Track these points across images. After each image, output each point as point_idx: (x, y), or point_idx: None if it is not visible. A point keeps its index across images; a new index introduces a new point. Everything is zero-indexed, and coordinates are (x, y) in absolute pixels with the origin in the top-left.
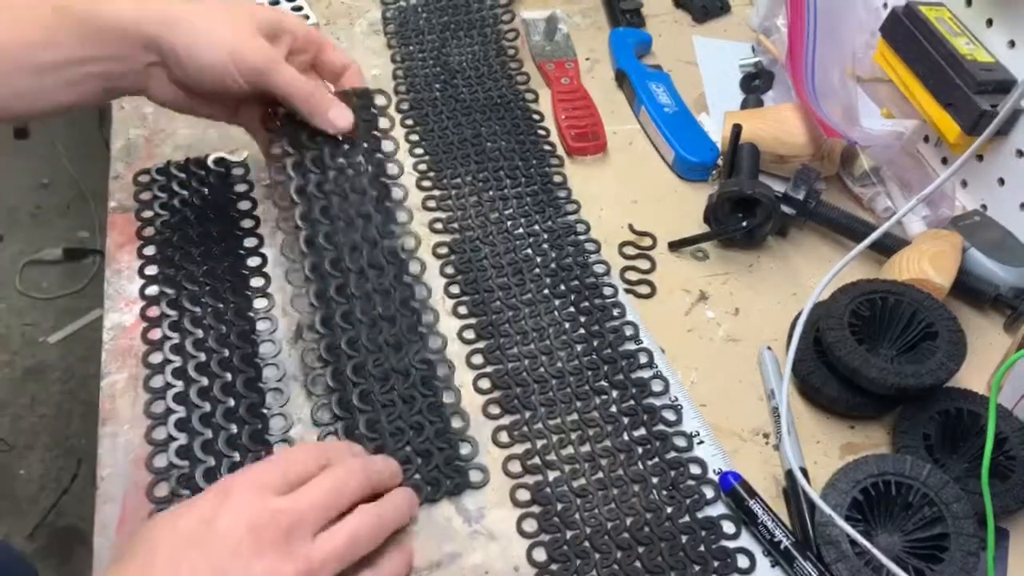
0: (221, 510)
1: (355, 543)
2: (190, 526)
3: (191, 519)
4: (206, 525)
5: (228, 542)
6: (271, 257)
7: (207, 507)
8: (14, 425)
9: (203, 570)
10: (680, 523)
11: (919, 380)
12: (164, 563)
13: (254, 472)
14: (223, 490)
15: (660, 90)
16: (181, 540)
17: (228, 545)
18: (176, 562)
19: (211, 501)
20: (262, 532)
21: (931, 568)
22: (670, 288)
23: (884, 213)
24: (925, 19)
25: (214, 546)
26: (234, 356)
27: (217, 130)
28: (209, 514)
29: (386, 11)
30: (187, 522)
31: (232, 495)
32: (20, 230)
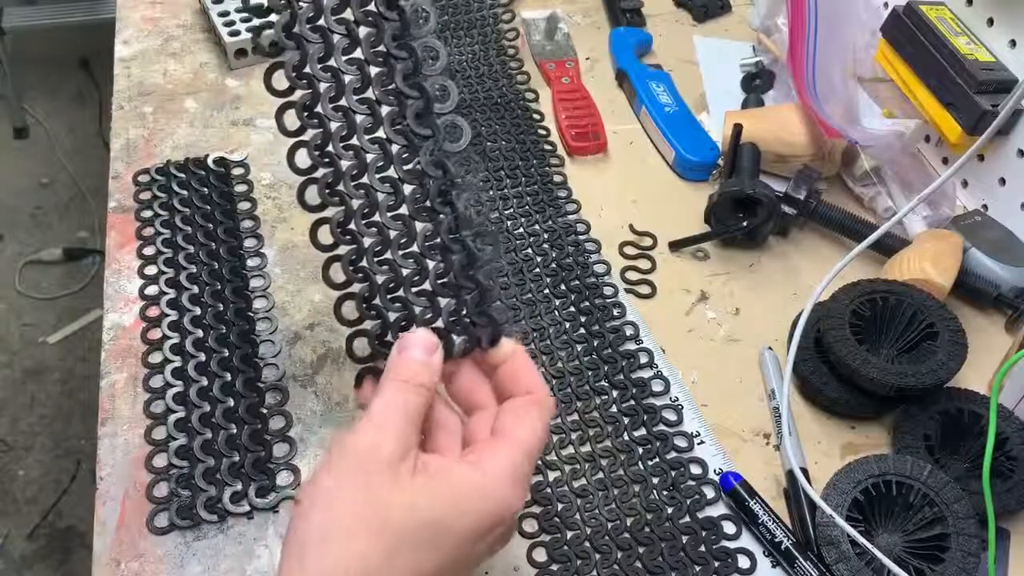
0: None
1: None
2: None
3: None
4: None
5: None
6: (271, 257)
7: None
8: (13, 425)
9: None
10: (681, 523)
11: (920, 380)
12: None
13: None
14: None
15: (661, 90)
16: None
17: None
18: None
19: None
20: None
21: (932, 568)
22: (671, 288)
23: (885, 213)
24: (926, 19)
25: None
26: (234, 356)
27: (216, 130)
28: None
29: None
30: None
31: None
32: (20, 230)
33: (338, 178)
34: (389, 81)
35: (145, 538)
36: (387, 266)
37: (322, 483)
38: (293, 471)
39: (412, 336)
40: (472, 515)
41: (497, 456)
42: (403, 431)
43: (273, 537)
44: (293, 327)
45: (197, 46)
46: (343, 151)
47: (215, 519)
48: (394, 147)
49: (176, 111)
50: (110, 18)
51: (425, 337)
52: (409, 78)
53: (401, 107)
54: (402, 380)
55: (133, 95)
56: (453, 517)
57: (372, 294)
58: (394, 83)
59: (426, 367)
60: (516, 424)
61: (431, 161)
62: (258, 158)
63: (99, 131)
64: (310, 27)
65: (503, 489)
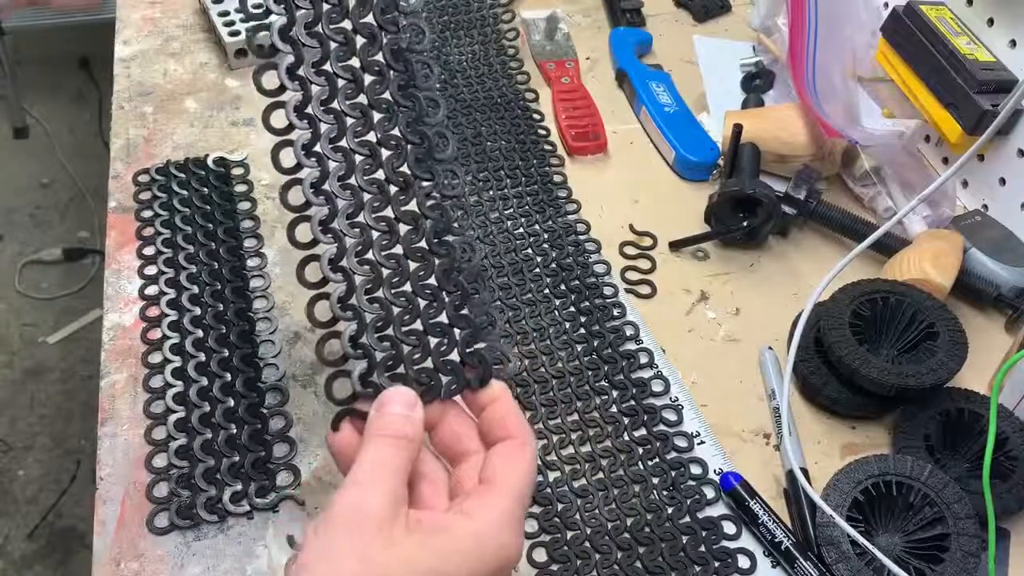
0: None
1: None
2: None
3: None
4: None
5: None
6: (271, 257)
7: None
8: (13, 426)
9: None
10: (681, 523)
11: (920, 380)
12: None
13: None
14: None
15: (661, 90)
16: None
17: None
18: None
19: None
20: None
21: (932, 568)
22: (671, 288)
23: (885, 213)
24: (926, 18)
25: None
26: (233, 356)
27: (216, 130)
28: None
29: None
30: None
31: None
32: (19, 230)
33: (332, 216)
34: (391, 127)
35: (145, 538)
36: (377, 303)
37: (316, 544)
38: (293, 471)
39: (390, 392)
40: (471, 565)
41: (490, 504)
42: (390, 487)
43: (273, 537)
44: (293, 327)
45: (197, 46)
46: (339, 190)
47: (215, 519)
48: (392, 188)
49: (176, 111)
50: (110, 18)
51: (403, 392)
52: (411, 124)
53: (400, 150)
54: (385, 435)
55: (133, 95)
56: (452, 570)
57: (360, 332)
58: (396, 128)
59: (408, 420)
60: (505, 470)
61: (428, 204)
62: (258, 158)
63: (99, 131)
64: (307, 32)
65: (500, 537)
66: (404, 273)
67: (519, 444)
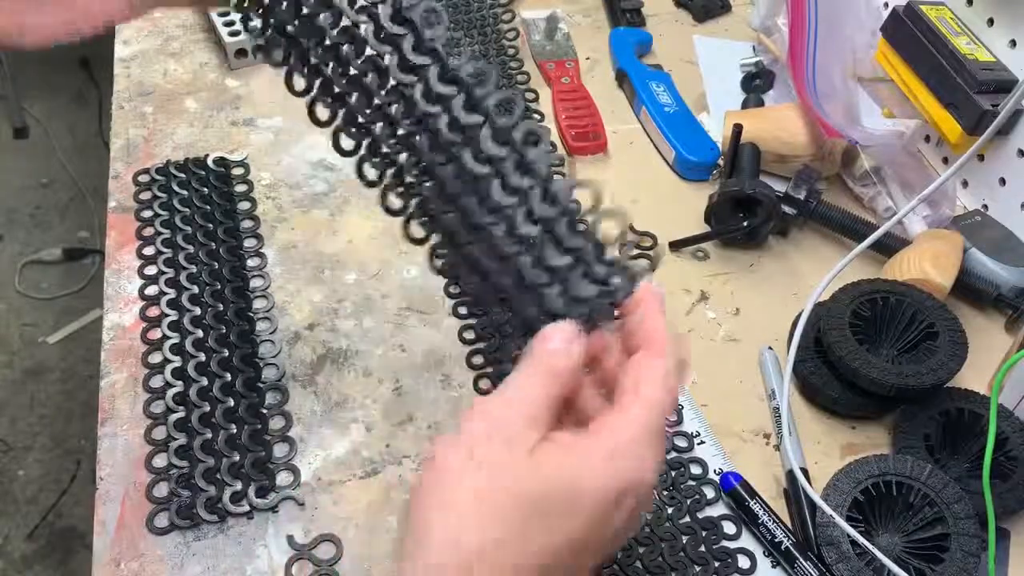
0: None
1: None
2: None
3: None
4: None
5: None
6: (271, 257)
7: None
8: (13, 426)
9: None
10: (681, 523)
11: (920, 380)
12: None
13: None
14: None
15: (660, 90)
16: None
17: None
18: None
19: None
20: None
21: (932, 568)
22: (671, 288)
23: (885, 213)
24: (926, 18)
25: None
26: (234, 356)
27: (216, 130)
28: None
29: None
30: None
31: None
32: (19, 230)
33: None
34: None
35: (145, 538)
36: (498, 262)
37: (450, 453)
38: (293, 471)
39: (552, 328)
40: (603, 479)
41: (623, 420)
42: (535, 411)
43: (273, 537)
44: (293, 327)
45: (197, 46)
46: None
47: (215, 519)
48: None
49: (176, 111)
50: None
51: (565, 328)
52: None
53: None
54: (538, 364)
55: (133, 95)
56: (585, 481)
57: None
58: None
59: (565, 355)
60: (638, 383)
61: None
62: (258, 158)
63: (99, 131)
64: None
65: (632, 451)
66: (511, 217)
67: (653, 354)
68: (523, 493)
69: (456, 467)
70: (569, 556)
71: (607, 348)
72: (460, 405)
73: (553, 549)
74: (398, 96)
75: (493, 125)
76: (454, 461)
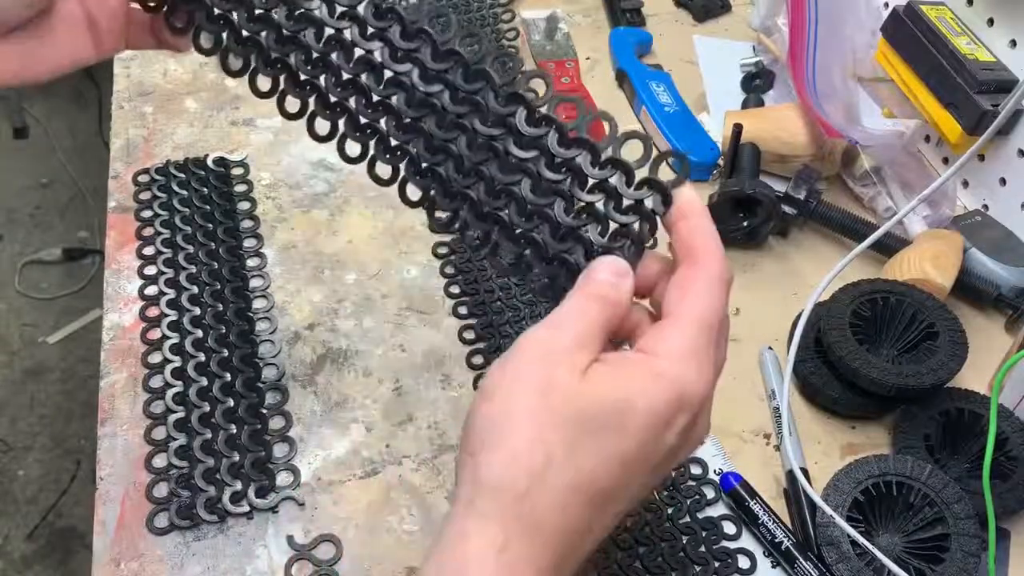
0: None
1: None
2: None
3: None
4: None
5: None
6: (271, 257)
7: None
8: (13, 426)
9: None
10: (681, 523)
11: (920, 380)
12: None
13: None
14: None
15: (660, 89)
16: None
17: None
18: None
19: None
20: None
21: (932, 569)
22: None
23: (885, 213)
24: (926, 18)
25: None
26: (233, 356)
27: (216, 130)
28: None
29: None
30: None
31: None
32: (19, 230)
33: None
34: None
35: (145, 538)
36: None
37: (497, 377)
38: (293, 471)
39: (601, 260)
40: (651, 396)
41: (668, 338)
42: (584, 334)
43: (272, 537)
44: (293, 327)
45: None
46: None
47: (215, 519)
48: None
49: (176, 111)
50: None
51: (614, 261)
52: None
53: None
54: (588, 293)
55: (133, 95)
56: (634, 399)
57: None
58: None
59: (615, 287)
60: (680, 299)
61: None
62: (258, 158)
63: (99, 131)
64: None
65: (678, 367)
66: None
67: (696, 268)
68: (573, 413)
69: (506, 390)
70: (622, 475)
71: (656, 276)
72: (460, 405)
73: (606, 469)
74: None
75: (495, 88)
76: (504, 385)
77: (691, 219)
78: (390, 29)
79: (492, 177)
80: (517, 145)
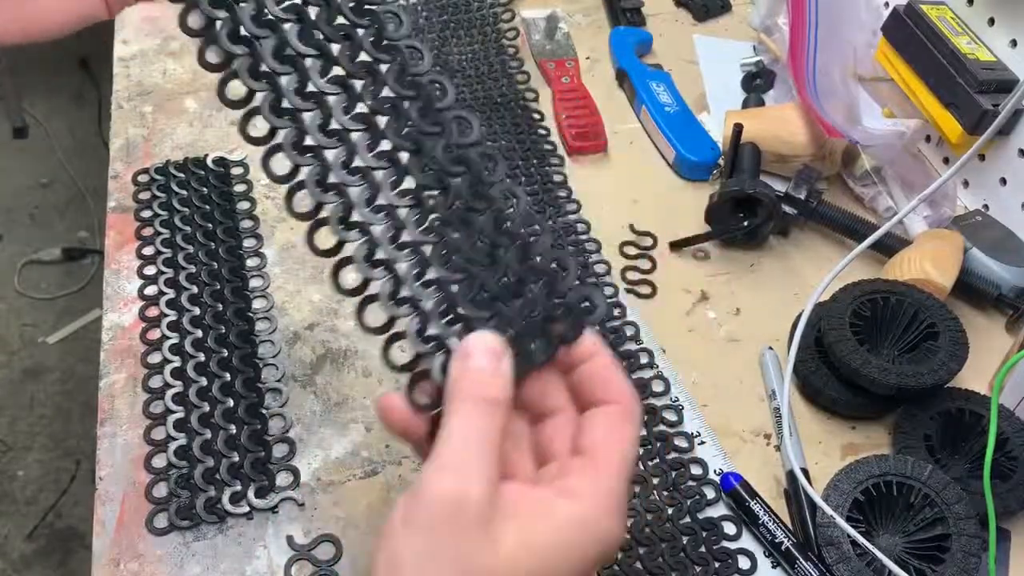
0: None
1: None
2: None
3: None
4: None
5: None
6: (270, 257)
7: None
8: (13, 426)
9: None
10: (681, 524)
11: (920, 380)
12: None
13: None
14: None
15: (661, 89)
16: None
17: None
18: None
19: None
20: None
21: (932, 569)
22: (671, 288)
23: (885, 213)
24: (927, 18)
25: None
26: (233, 356)
27: (216, 130)
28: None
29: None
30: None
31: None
32: (19, 230)
33: (349, 210)
34: (378, 89)
35: (144, 538)
36: (434, 286)
37: (410, 541)
38: (292, 472)
39: (473, 339)
40: (578, 552)
41: (595, 484)
42: (487, 468)
43: (272, 537)
44: (293, 327)
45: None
46: (348, 179)
47: (214, 520)
48: (403, 155)
49: (176, 111)
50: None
51: (486, 339)
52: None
53: (397, 111)
54: (473, 398)
55: (132, 95)
56: (560, 561)
57: (424, 322)
58: (385, 87)
59: (497, 375)
60: (609, 442)
61: (451, 158)
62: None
63: (99, 131)
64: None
65: (605, 521)
66: (451, 244)
67: (624, 412)
68: (478, 571)
69: (418, 561)
70: None
71: (548, 387)
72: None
73: None
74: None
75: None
76: (414, 553)
77: (604, 358)
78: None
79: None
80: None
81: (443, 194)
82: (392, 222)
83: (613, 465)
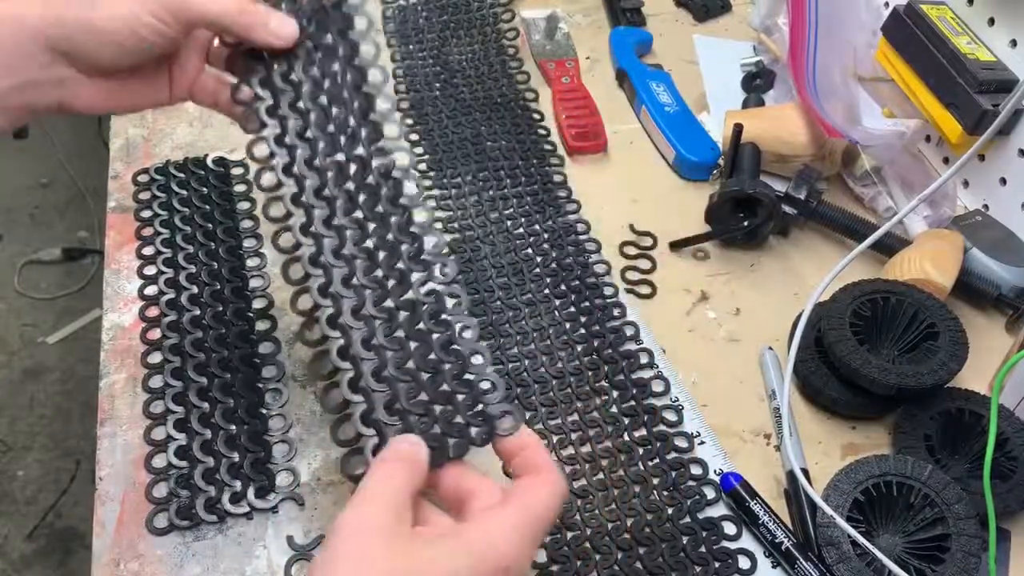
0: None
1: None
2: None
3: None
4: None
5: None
6: (270, 257)
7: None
8: (13, 426)
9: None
10: (681, 524)
11: (920, 380)
12: None
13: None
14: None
15: (661, 89)
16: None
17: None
18: None
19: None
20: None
21: (932, 569)
22: (671, 288)
23: (885, 213)
24: (927, 18)
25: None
26: (233, 356)
27: (216, 130)
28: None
29: (386, 10)
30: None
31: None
32: (19, 230)
33: (339, 313)
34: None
35: (144, 538)
36: (385, 383)
37: (318, 558)
38: (292, 472)
39: (399, 438)
40: (475, 564)
41: (503, 514)
42: (393, 504)
43: (272, 538)
44: (293, 327)
45: None
46: (336, 293)
47: (214, 520)
48: (390, 282)
49: (176, 111)
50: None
51: (409, 439)
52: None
53: (395, 251)
54: (392, 458)
55: None
56: (457, 567)
57: (369, 410)
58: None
59: (415, 447)
60: (526, 492)
61: (424, 292)
62: None
63: (99, 131)
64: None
65: (507, 543)
66: (407, 353)
67: (545, 476)
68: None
69: (324, 567)
70: None
71: (445, 471)
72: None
73: None
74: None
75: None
76: (323, 564)
77: (539, 449)
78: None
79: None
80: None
81: (412, 316)
82: (368, 329)
83: (523, 505)
